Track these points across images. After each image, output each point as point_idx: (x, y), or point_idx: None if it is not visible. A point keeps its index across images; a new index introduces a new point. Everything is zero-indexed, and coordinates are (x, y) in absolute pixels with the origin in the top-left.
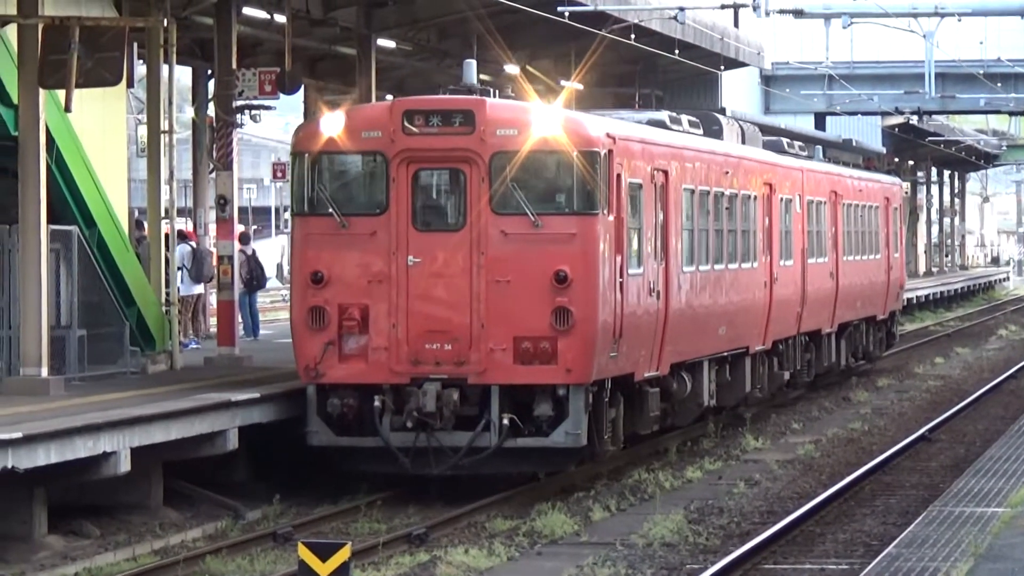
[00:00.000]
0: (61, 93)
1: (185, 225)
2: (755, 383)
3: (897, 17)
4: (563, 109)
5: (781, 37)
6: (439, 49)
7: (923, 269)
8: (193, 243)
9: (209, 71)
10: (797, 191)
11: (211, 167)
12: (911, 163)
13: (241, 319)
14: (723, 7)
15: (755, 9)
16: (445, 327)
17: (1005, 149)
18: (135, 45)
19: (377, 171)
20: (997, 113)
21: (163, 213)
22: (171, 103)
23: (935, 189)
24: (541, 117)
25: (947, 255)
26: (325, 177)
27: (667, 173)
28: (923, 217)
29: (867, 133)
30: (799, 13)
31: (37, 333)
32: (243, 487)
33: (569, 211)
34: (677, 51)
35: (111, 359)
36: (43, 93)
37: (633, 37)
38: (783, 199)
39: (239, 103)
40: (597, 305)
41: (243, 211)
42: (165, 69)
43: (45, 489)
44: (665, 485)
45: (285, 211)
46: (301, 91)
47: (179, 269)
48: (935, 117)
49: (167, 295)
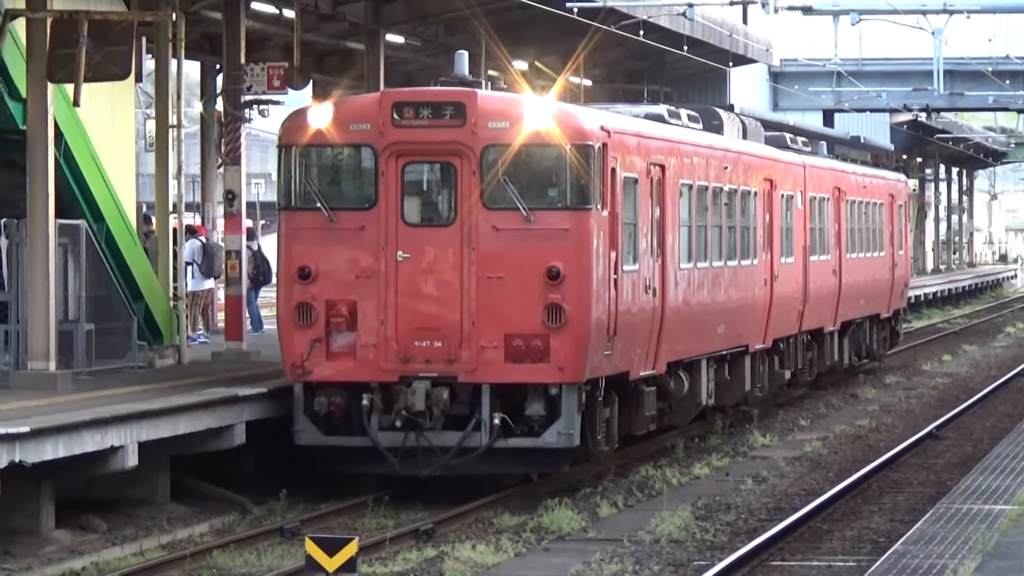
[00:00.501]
0: (69, 87)
1: (193, 220)
2: (755, 382)
3: (906, 14)
4: (556, 101)
5: (789, 34)
6: (447, 44)
7: (931, 266)
8: (203, 238)
9: (218, 66)
10: (799, 187)
11: (219, 162)
12: (919, 160)
13: (249, 314)
14: (732, 3)
15: (764, 6)
16: (435, 324)
17: (1013, 147)
18: (143, 39)
19: (366, 164)
20: (1005, 110)
21: (171, 208)
22: (179, 98)
23: (943, 186)
24: (533, 109)
25: (955, 252)
26: (313, 170)
27: (664, 168)
28: (931, 214)
29: (875, 130)
30: (808, 10)
31: (45, 327)
32: (249, 482)
33: (562, 206)
34: (686, 47)
35: (119, 354)
36: (51, 87)
37: (642, 33)
38: (784, 195)
39: (247, 98)
40: (590, 302)
41: (251, 206)
42: (174, 64)
43: (52, 483)
44: (672, 481)
45: None
46: (310, 86)
47: (189, 264)
48: (943, 114)
49: (175, 290)
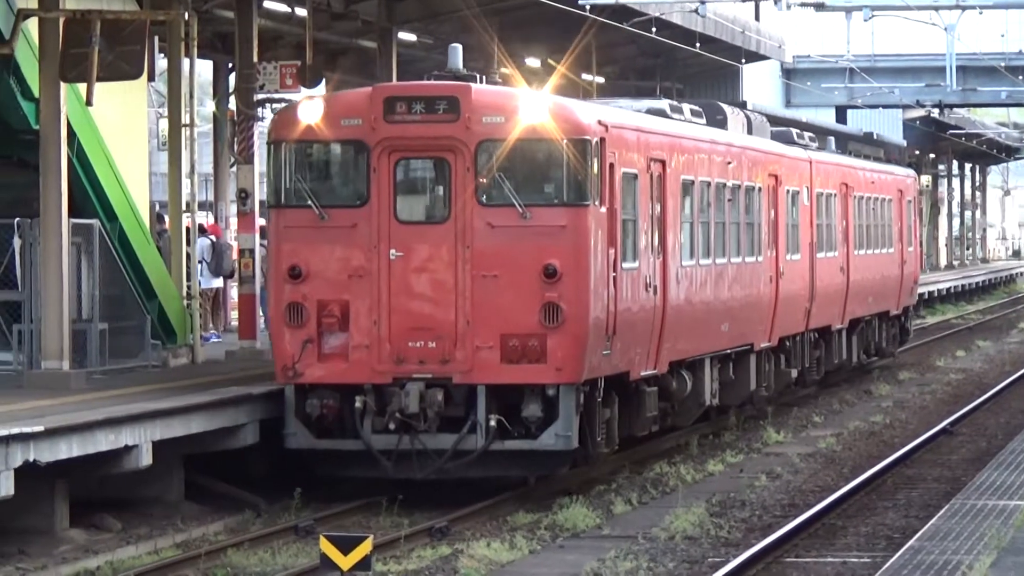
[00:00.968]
0: (82, 87)
1: (206, 219)
2: (760, 381)
3: (918, 10)
4: (552, 95)
5: (802, 30)
6: (460, 43)
7: (944, 262)
8: (213, 237)
9: (230, 64)
10: (805, 183)
11: (232, 161)
12: (932, 156)
13: (263, 312)
14: (744, 0)
15: (776, 2)
16: (429, 324)
17: None
18: (156, 39)
19: (358, 161)
20: (1018, 106)
21: (184, 207)
22: (192, 96)
23: (956, 182)
24: (528, 103)
25: (968, 248)
26: (303, 167)
27: (665, 163)
28: (944, 210)
29: (888, 126)
30: (820, 6)
31: (58, 326)
32: (263, 481)
33: (559, 202)
34: (698, 44)
35: (132, 353)
36: (64, 87)
37: (654, 30)
38: (790, 191)
39: (260, 96)
40: (588, 300)
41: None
42: (186, 62)
43: (67, 482)
44: (687, 478)
45: None
46: (322, 85)
47: (199, 263)
48: (956, 110)
49: (188, 288)
